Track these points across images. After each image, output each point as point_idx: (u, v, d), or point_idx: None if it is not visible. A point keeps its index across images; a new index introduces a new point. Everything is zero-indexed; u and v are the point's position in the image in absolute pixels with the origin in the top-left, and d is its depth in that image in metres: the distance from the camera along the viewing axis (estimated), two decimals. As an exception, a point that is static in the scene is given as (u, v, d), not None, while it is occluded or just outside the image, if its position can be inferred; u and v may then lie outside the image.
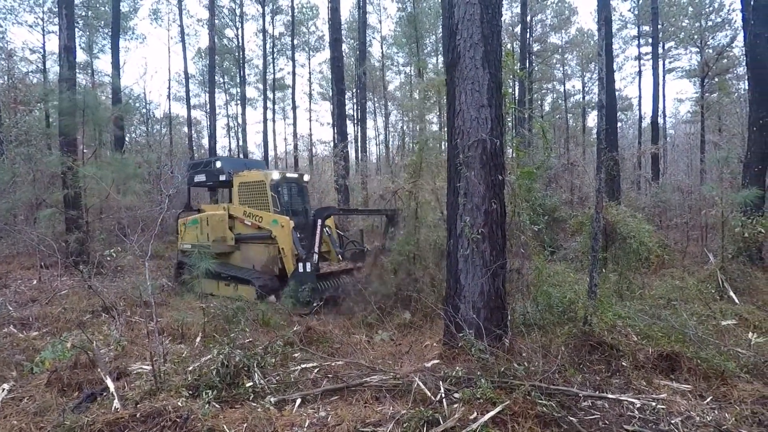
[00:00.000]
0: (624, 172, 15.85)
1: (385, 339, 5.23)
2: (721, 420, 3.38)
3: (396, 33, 28.84)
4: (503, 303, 4.27)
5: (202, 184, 9.72)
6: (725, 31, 23.79)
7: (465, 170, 4.04)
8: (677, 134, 32.53)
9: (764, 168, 9.45)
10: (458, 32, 4.06)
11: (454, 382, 3.78)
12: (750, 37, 9.96)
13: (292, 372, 4.29)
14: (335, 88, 14.98)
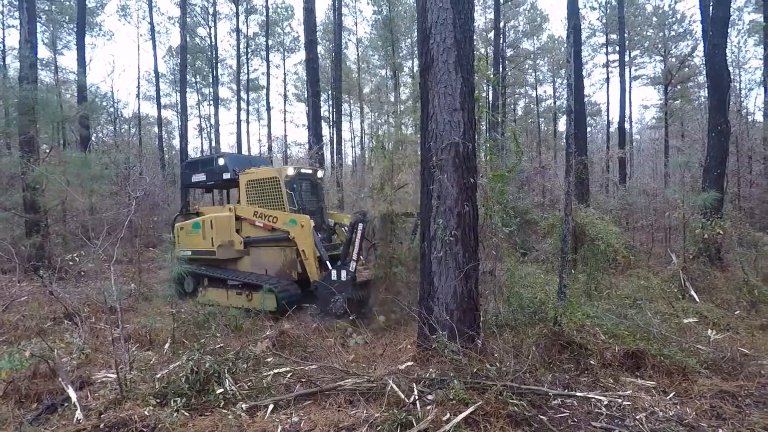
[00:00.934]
0: (593, 176, 16.34)
1: (360, 342, 5.22)
2: (683, 414, 3.51)
3: (372, 36, 28.92)
4: (476, 304, 4.32)
5: (200, 184, 8.85)
6: (687, 41, 24.90)
7: (438, 173, 4.07)
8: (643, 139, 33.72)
9: (722, 172, 9.91)
10: (431, 36, 4.10)
11: (428, 383, 3.79)
12: (709, 48, 10.43)
13: (265, 377, 4.22)
14: (310, 90, 14.86)
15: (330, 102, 26.67)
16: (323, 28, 27.76)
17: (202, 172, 8.68)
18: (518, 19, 28.12)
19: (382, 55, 28.52)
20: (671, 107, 25.01)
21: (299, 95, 32.00)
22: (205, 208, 9.00)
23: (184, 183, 9.10)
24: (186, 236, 8.25)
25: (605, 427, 3.32)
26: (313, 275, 6.99)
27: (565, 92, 25.37)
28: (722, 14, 9.98)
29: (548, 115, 31.92)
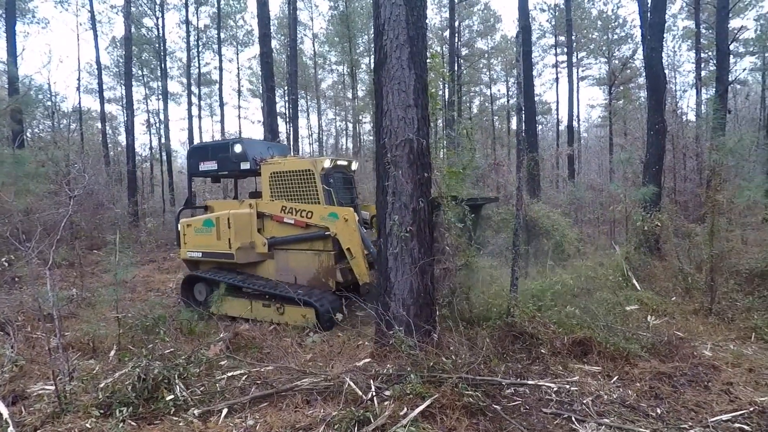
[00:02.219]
0: (544, 172, 16.99)
1: (317, 341, 5.16)
2: (625, 396, 3.72)
3: (328, 31, 28.60)
4: (432, 299, 4.39)
5: (210, 173, 7.54)
6: (628, 44, 26.37)
7: (393, 169, 4.09)
8: (590, 137, 35.47)
9: (660, 168, 10.55)
10: (385, 32, 4.10)
11: (385, 379, 3.81)
12: (647, 51, 11.07)
13: (218, 381, 4.10)
14: (265, 85, 14.52)
15: (286, 98, 26.17)
16: (278, 22, 27.16)
17: (213, 160, 7.34)
18: (472, 19, 28.71)
19: (339, 51, 28.29)
20: (615, 107, 26.42)
21: (254, 90, 31.17)
22: (214, 202, 7.76)
23: (190, 172, 7.79)
24: (195, 235, 7.08)
25: (555, 413, 3.46)
26: (363, 276, 6.12)
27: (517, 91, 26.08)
28: (658, 20, 10.61)
29: (502, 114, 32.87)
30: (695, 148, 13.96)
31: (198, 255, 7.06)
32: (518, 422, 3.28)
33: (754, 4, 23.68)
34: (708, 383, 3.94)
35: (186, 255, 7.18)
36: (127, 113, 20.39)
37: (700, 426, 3.27)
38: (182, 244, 7.24)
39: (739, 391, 3.81)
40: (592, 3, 26.79)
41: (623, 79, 26.29)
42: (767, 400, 3.56)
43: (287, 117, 26.21)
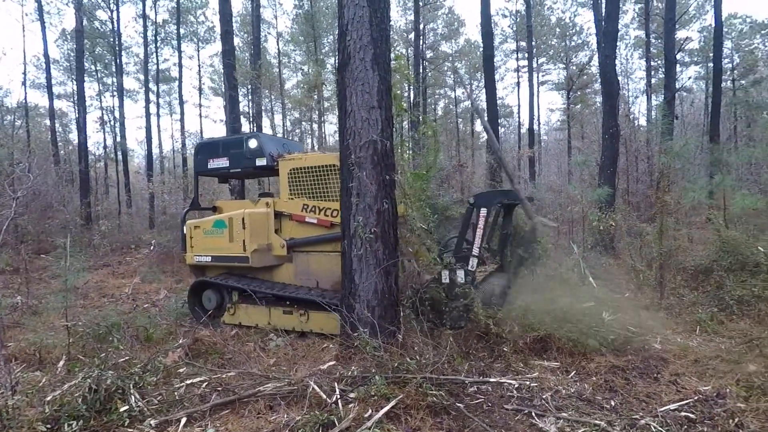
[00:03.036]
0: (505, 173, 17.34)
1: (281, 345, 5.07)
2: (582, 390, 3.87)
3: (293, 30, 28.22)
4: (396, 300, 4.41)
5: (221, 171, 6.96)
6: (585, 51, 27.48)
7: (357, 170, 4.08)
8: (550, 140, 36.69)
9: (614, 170, 11.07)
10: (348, 33, 4.09)
11: (350, 382, 3.79)
12: (601, 58, 11.59)
13: (177, 389, 3.95)
14: (227, 83, 14.15)
15: (249, 97, 25.63)
16: (240, 20, 26.55)
17: (224, 157, 6.79)
18: (437, 22, 29.11)
19: (305, 51, 27.98)
20: (573, 111, 27.49)
21: (216, 89, 30.32)
22: (223, 203, 7.29)
23: (198, 170, 7.22)
24: (204, 237, 6.54)
25: (516, 408, 3.55)
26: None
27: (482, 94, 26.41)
28: (612, 29, 11.13)
29: (466, 116, 33.47)
30: (646, 152, 14.70)
31: (207, 259, 6.48)
32: (481, 419, 3.34)
33: (698, 17, 25.26)
34: (657, 375, 4.15)
35: (193, 260, 6.57)
36: (78, 110, 19.39)
37: (650, 416, 3.43)
38: (188, 248, 6.64)
39: (685, 381, 4.03)
40: (551, 11, 27.78)
41: (580, 84, 27.39)
42: (710, 389, 3.78)
43: (250, 116, 25.68)
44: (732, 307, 6.04)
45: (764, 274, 6.31)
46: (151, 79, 25.62)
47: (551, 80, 31.37)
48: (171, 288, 9.03)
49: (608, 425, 3.29)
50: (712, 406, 3.50)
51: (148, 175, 19.51)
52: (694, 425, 3.28)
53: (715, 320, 5.74)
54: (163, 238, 12.25)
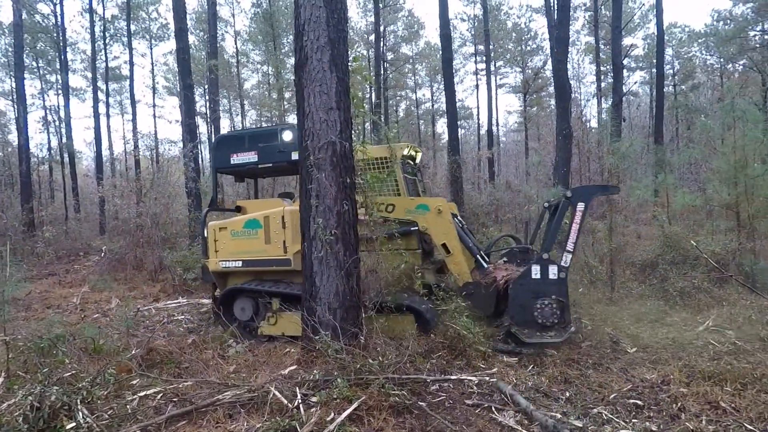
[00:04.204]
0: (466, 174, 17.77)
1: (240, 351, 4.94)
2: (539, 383, 4.00)
3: (251, 29, 27.65)
4: (358, 302, 4.40)
5: (246, 167, 6.33)
6: (540, 56, 28.53)
7: (316, 172, 4.05)
8: (508, 141, 37.78)
9: (568, 170, 11.54)
10: (305, 33, 4.05)
11: (312, 385, 3.75)
12: (554, 63, 12.06)
13: (129, 402, 3.77)
14: (182, 83, 13.69)
15: (206, 97, 24.88)
16: (196, 17, 25.79)
17: (252, 151, 6.11)
18: (397, 24, 29.35)
19: (264, 51, 27.46)
20: (529, 113, 28.42)
21: (170, 88, 29.29)
22: (247, 202, 6.69)
23: (218, 166, 6.58)
24: (232, 240, 5.87)
25: (476, 404, 3.62)
26: (464, 275, 5.31)
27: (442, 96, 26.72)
28: (563, 35, 11.60)
29: (427, 117, 33.91)
30: (597, 152, 15.41)
31: (237, 264, 5.81)
32: (442, 416, 3.39)
33: (642, 25, 26.74)
34: (609, 365, 4.35)
35: (218, 266, 5.89)
36: (18, 109, 18.17)
37: (603, 404, 3.59)
38: (212, 253, 5.97)
39: (634, 369, 4.25)
40: (508, 16, 28.64)
41: (536, 87, 28.39)
42: (656, 377, 4.00)
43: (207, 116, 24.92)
44: (675, 298, 6.43)
45: (703, 267, 6.75)
46: (100, 77, 24.42)
47: (509, 83, 32.36)
48: (123, 296, 8.62)
49: (563, 416, 3.42)
50: (658, 393, 3.71)
51: (98, 178, 18.56)
52: (641, 411, 3.46)
53: (660, 311, 6.09)
54: (114, 244, 11.66)
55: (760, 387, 3.66)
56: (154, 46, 27.24)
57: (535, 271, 4.79)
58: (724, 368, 3.99)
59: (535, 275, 4.79)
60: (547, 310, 4.68)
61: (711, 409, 3.37)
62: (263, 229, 5.68)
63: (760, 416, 3.22)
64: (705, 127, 9.34)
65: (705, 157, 9.96)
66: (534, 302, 4.72)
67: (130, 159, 22.39)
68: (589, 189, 5.16)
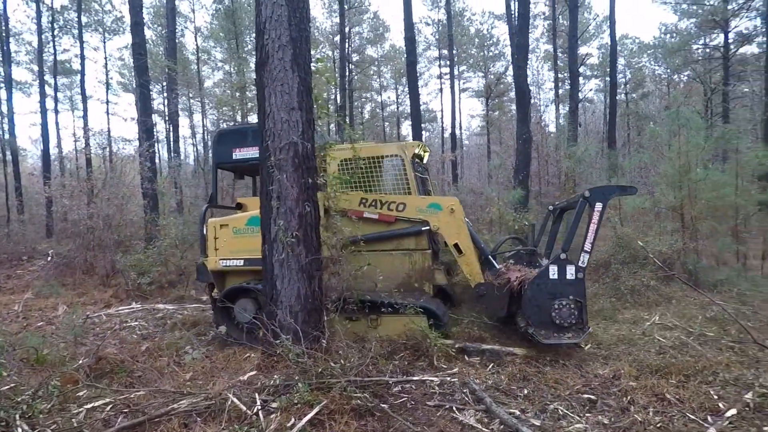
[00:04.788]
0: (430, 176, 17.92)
1: (198, 358, 4.77)
2: (499, 382, 4.08)
3: (213, 26, 26.88)
4: (320, 304, 4.35)
5: (249, 163, 5.99)
6: (501, 61, 29.28)
7: (277, 173, 3.97)
8: (471, 144, 38.52)
9: (528, 173, 11.89)
10: (266, 32, 3.97)
11: (272, 391, 3.67)
12: (515, 69, 12.40)
13: (75, 416, 3.56)
14: (138, 79, 13.12)
15: (164, 94, 24.00)
16: (154, 11, 24.84)
17: (255, 146, 5.57)
18: (362, 26, 29.33)
19: (226, 48, 26.76)
20: (491, 117, 29.10)
21: (126, 84, 27.99)
22: (249, 200, 6.50)
23: (218, 161, 6.33)
24: (234, 238, 5.67)
25: (438, 404, 3.65)
26: (476, 276, 5.27)
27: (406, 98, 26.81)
28: (523, 42, 11.96)
29: (392, 120, 34.10)
30: (555, 156, 15.96)
31: (238, 263, 5.60)
32: (404, 418, 3.39)
33: (597, 35, 27.97)
34: (565, 362, 4.50)
35: (218, 265, 5.67)
36: (-46, 103, 16.87)
37: (559, 400, 3.71)
38: (212, 251, 5.75)
39: (588, 365, 4.42)
40: (471, 22, 29.24)
41: (498, 92, 29.12)
42: (608, 372, 4.17)
43: (166, 115, 24.04)
44: (626, 296, 6.75)
45: (651, 266, 7.11)
46: (48, 71, 23.03)
47: (472, 87, 33.02)
48: (71, 303, 8.15)
49: (521, 413, 3.51)
50: (609, 387, 3.87)
51: (45, 177, 17.44)
52: (594, 405, 3.60)
53: (613, 309, 6.36)
54: (63, 247, 11.01)
55: (702, 379, 3.89)
56: (107, 39, 25.95)
57: (552, 272, 4.71)
58: (669, 362, 4.23)
59: (553, 275, 4.70)
60: (565, 310, 4.59)
61: (658, 401, 3.55)
62: None
63: (701, 406, 3.43)
64: (653, 134, 9.87)
65: (653, 162, 10.52)
66: (551, 303, 4.62)
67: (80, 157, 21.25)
68: (608, 189, 5.06)
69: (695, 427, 3.16)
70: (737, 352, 4.51)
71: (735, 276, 7.40)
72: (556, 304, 4.61)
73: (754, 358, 4.37)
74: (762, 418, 3.23)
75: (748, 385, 3.72)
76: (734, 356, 4.39)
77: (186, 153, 30.17)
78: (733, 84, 21.34)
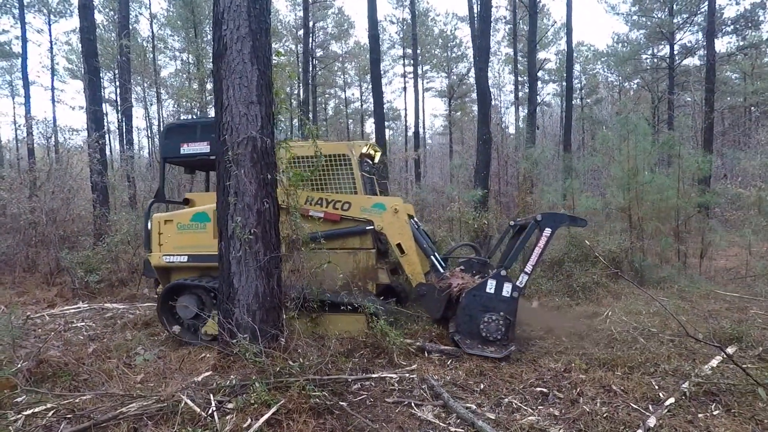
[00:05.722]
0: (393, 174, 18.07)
1: (149, 359, 4.58)
2: (456, 377, 4.16)
3: (170, 13, 25.80)
4: (279, 302, 4.28)
5: (198, 157, 5.94)
6: (464, 63, 29.77)
7: (235, 168, 3.86)
8: (434, 143, 38.98)
9: (488, 173, 12.16)
10: (224, 22, 3.84)
11: (228, 392, 3.58)
12: (476, 71, 12.64)
13: (12, 423, 3.34)
14: (86, 65, 12.38)
15: (116, 82, 22.81)
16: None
17: (204, 141, 5.79)
18: (327, 21, 29.04)
19: (184, 38, 25.74)
20: (454, 117, 29.58)
21: (74, 71, 26.43)
22: (197, 195, 6.41)
23: (166, 155, 6.17)
24: (178, 233, 5.63)
25: (397, 401, 3.68)
26: (418, 276, 5.36)
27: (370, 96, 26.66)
28: (485, 44, 12.21)
29: (356, 117, 33.98)
30: (514, 157, 16.43)
31: (182, 259, 5.57)
32: (363, 415, 3.40)
33: (554, 41, 28.98)
34: (520, 357, 4.65)
35: (161, 260, 5.60)
36: None
37: (513, 393, 3.83)
38: (156, 246, 5.68)
39: (541, 360, 4.58)
40: (435, 22, 29.55)
41: (460, 93, 29.63)
42: (559, 365, 4.34)
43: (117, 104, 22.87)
44: (578, 292, 7.05)
45: (601, 264, 7.46)
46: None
47: (435, 87, 33.40)
48: (10, 302, 7.62)
49: (477, 407, 3.59)
50: (561, 380, 4.03)
51: (-20, 168, 16.18)
52: (546, 397, 3.74)
53: (566, 305, 6.63)
54: (1, 243, 10.26)
55: (645, 370, 4.13)
56: (53, 22, 24.42)
57: (490, 286, 4.85)
58: (616, 355, 4.45)
59: (490, 290, 4.85)
60: (493, 325, 4.74)
61: (604, 392, 3.74)
62: (212, 223, 5.41)
63: (644, 396, 3.64)
64: (605, 138, 10.35)
65: (605, 165, 11.03)
66: (483, 315, 4.78)
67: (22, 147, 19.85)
68: (559, 217, 5.32)
69: (638, 416, 3.34)
70: (677, 345, 4.80)
71: (676, 273, 7.88)
72: (486, 317, 4.76)
73: (691, 350, 4.67)
74: (697, 406, 3.47)
75: (685, 375, 3.97)
76: (674, 349, 4.68)
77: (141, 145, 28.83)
78: (677, 93, 22.72)
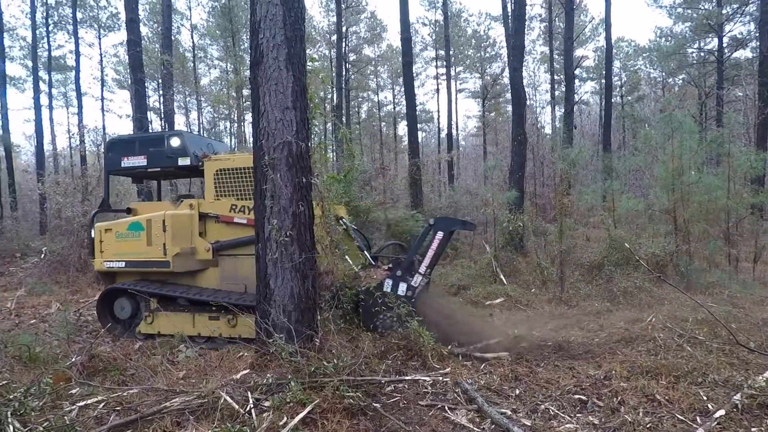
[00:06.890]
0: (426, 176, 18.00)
1: (191, 356, 4.77)
2: (491, 382, 4.10)
3: (209, 23, 26.84)
4: (314, 303, 4.36)
5: (136, 170, 6.48)
6: (498, 63, 29.36)
7: (271, 172, 3.98)
8: (467, 145, 38.63)
9: (522, 175, 11.93)
10: (261, 31, 3.97)
11: (265, 390, 3.67)
12: (511, 70, 12.44)
13: (68, 413, 3.55)
14: (133, 76, 13.08)
15: (160, 92, 23.89)
16: (149, 8, 24.75)
17: (142, 155, 6.31)
18: (359, 26, 29.35)
19: (222, 46, 26.71)
20: (487, 118, 29.20)
21: (121, 81, 27.91)
22: (139, 205, 6.78)
23: (109, 168, 6.67)
24: (117, 241, 6.04)
25: (430, 404, 3.67)
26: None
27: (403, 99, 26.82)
28: (519, 44, 12.00)
29: (389, 120, 34.12)
30: (550, 158, 16.04)
31: (120, 265, 5.99)
32: (396, 417, 3.41)
33: (593, 38, 28.12)
34: (556, 362, 4.53)
35: (103, 266, 6.04)
36: (-54, 98, 16.73)
37: (550, 400, 3.73)
38: (98, 253, 6.09)
39: (579, 366, 4.44)
40: (468, 23, 29.29)
41: (494, 93, 29.23)
42: (600, 372, 4.20)
43: (162, 112, 23.95)
44: (619, 297, 6.79)
45: (643, 268, 7.16)
46: (42, 67, 22.93)
47: (468, 88, 33.10)
48: (65, 300, 8.12)
49: (513, 412, 3.53)
50: (600, 388, 3.89)
51: (39, 174, 17.36)
52: (585, 405, 3.62)
53: (605, 310, 6.41)
54: (56, 245, 10.94)
55: (691, 380, 3.93)
56: (103, 36, 25.86)
57: (387, 285, 5.16)
58: (659, 363, 4.25)
59: (386, 288, 5.16)
60: (388, 322, 5.02)
61: (648, 402, 3.58)
62: (145, 232, 5.87)
63: (691, 407, 3.46)
64: (647, 137, 9.94)
65: (647, 165, 10.60)
66: (379, 312, 5.05)
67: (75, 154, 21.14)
68: (450, 221, 5.75)
69: (684, 428, 3.19)
70: (727, 354, 4.55)
71: (726, 278, 7.47)
72: (383, 314, 5.03)
73: (743, 359, 4.41)
74: (750, 419, 3.27)
75: (737, 386, 3.75)
76: (724, 358, 4.43)
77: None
78: (727, 88, 21.53)
